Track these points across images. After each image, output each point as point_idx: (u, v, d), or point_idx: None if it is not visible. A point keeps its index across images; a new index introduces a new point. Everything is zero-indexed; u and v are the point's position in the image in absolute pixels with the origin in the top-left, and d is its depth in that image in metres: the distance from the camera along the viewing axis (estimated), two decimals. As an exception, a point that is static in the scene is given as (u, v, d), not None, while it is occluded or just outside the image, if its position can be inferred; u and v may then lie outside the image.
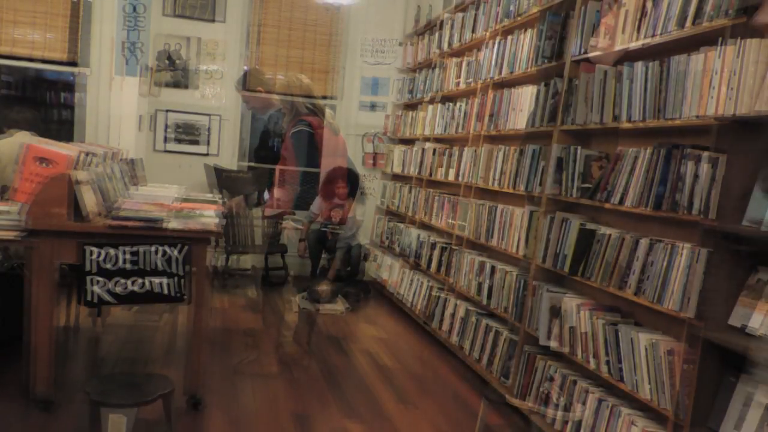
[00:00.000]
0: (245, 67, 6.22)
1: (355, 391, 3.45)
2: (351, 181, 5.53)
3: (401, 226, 5.58)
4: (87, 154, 3.14)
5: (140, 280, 2.70)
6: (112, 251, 2.67)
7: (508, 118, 3.81)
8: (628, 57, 2.76)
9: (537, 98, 3.47)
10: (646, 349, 2.41)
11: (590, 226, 2.90)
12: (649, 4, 2.59)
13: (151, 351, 3.76)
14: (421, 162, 5.32)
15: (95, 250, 2.64)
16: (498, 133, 3.95)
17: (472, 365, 3.91)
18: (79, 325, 4.02)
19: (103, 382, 2.53)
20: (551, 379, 3.02)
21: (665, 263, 2.36)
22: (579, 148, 3.03)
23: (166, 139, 6.00)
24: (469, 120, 4.42)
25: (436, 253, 4.68)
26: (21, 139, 3.48)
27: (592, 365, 2.72)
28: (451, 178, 4.63)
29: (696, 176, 2.25)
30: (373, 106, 6.50)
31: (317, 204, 5.59)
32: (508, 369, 3.44)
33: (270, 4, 6.20)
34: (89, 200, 2.84)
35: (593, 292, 2.95)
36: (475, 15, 4.52)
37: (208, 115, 6.09)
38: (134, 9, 5.19)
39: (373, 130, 6.51)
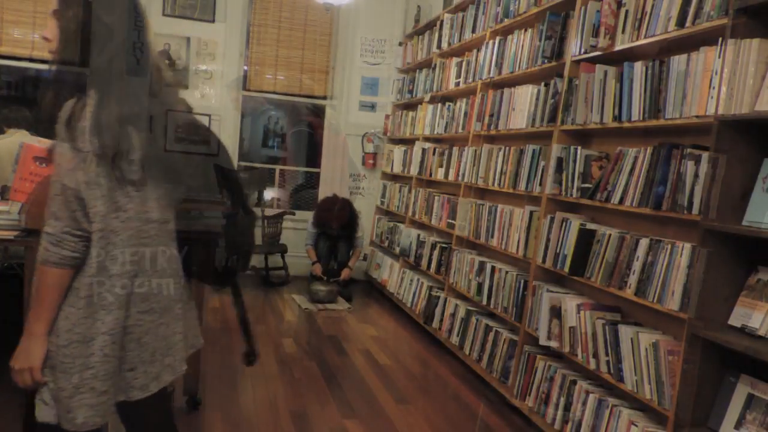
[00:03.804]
0: (245, 67, 6.23)
1: (355, 391, 3.45)
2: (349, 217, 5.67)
3: (401, 226, 5.58)
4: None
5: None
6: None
7: (508, 118, 3.81)
8: (628, 57, 2.76)
9: (537, 98, 3.47)
10: (646, 349, 2.41)
11: (590, 226, 2.90)
12: (649, 4, 2.59)
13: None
14: (421, 162, 5.32)
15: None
16: (498, 133, 3.95)
17: (472, 365, 3.91)
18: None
19: (102, 382, 2.52)
20: (551, 380, 3.02)
21: (665, 263, 2.36)
22: (579, 148, 3.02)
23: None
24: (469, 120, 4.42)
25: (436, 253, 4.68)
26: (20, 138, 3.47)
27: (592, 365, 2.72)
28: (450, 178, 4.63)
29: (696, 176, 2.25)
30: (373, 106, 6.50)
31: (311, 234, 5.74)
32: (508, 369, 3.44)
33: (270, 5, 6.20)
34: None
35: (593, 292, 2.94)
36: (475, 14, 4.52)
37: (208, 115, 6.08)
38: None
39: (373, 129, 6.51)
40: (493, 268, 3.75)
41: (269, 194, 7.04)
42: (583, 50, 3.03)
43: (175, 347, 1.63)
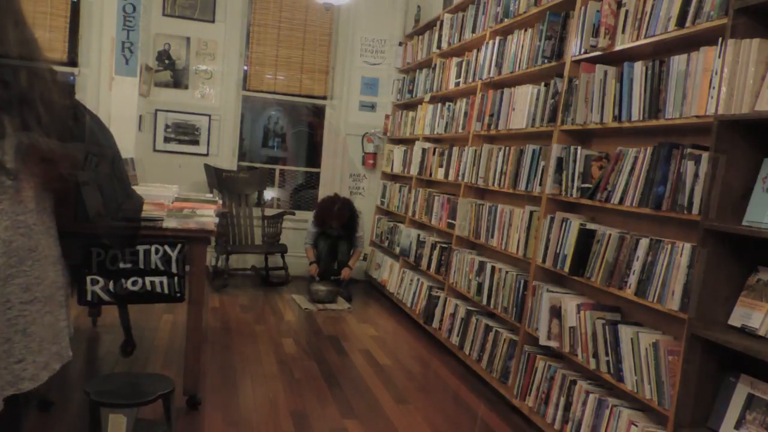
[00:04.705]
0: (245, 67, 6.23)
1: (355, 391, 3.45)
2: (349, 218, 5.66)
3: (401, 226, 5.58)
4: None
5: (139, 280, 2.70)
6: (116, 252, 2.66)
7: (508, 118, 3.81)
8: (628, 57, 2.76)
9: (537, 98, 3.47)
10: (646, 349, 2.41)
11: (590, 226, 2.90)
12: (649, 4, 2.59)
13: (150, 351, 3.76)
14: (421, 162, 5.32)
15: (102, 251, 2.63)
16: (498, 133, 3.95)
17: (472, 365, 3.91)
18: (78, 325, 4.02)
19: (103, 382, 2.53)
20: (551, 380, 3.02)
21: (665, 263, 2.36)
22: (579, 148, 3.03)
23: (166, 140, 6.00)
24: (469, 120, 4.42)
25: (436, 253, 4.68)
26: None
27: (592, 365, 2.72)
28: (450, 178, 4.63)
29: (696, 176, 2.25)
30: (373, 106, 6.50)
31: (311, 233, 5.75)
32: (508, 369, 3.44)
33: (270, 5, 6.20)
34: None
35: (593, 292, 2.94)
36: (475, 14, 4.52)
37: (208, 115, 6.09)
38: (134, 9, 5.19)
39: (373, 129, 6.51)
40: (493, 268, 3.75)
41: (269, 194, 7.04)
42: (583, 50, 3.03)
43: (61, 334, 1.62)
